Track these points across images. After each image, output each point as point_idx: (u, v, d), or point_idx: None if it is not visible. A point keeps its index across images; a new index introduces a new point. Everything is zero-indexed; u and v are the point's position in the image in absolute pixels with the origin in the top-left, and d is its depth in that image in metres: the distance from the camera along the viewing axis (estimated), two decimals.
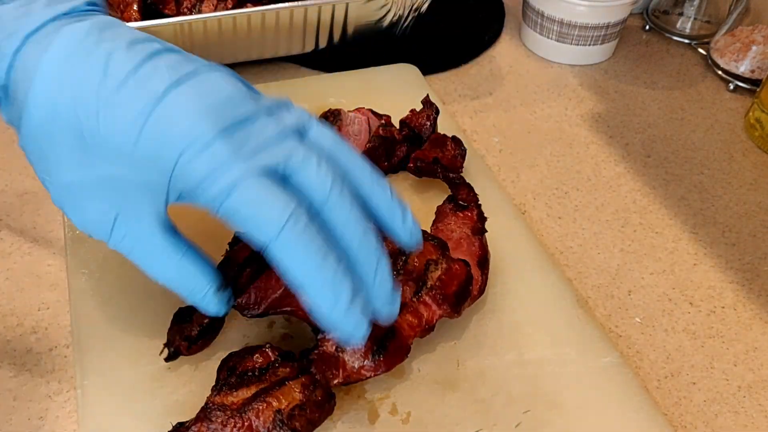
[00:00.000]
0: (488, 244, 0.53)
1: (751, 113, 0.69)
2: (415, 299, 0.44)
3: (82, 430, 0.41)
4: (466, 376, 0.45)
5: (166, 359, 0.43)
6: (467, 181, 0.56)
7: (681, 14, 0.82)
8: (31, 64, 0.36)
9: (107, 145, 0.36)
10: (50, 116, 0.36)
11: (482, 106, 0.71)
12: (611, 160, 0.65)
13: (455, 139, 0.58)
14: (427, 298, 0.44)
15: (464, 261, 0.46)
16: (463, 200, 0.55)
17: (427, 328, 0.44)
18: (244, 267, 0.44)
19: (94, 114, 0.36)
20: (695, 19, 0.81)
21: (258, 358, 0.41)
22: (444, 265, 0.45)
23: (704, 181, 0.64)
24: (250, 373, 0.40)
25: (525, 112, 0.70)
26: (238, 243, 0.46)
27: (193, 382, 0.44)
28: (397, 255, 0.45)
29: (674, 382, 0.48)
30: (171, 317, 0.44)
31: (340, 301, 0.35)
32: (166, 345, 0.43)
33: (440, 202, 0.56)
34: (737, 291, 0.54)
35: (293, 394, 0.40)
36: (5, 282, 0.51)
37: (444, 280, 0.45)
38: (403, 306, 0.44)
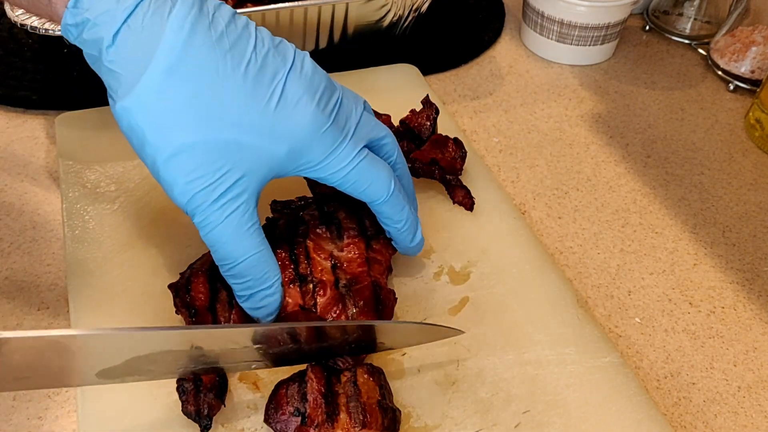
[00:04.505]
0: (488, 244, 0.53)
1: (751, 113, 0.69)
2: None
3: (82, 430, 0.41)
4: (466, 376, 0.45)
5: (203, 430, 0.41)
6: (468, 181, 0.56)
7: (681, 14, 0.82)
8: (153, 28, 0.37)
9: (240, 114, 0.39)
10: (176, 79, 0.38)
11: (482, 106, 0.71)
12: (611, 161, 0.65)
13: (457, 141, 0.57)
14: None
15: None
16: (458, 202, 0.55)
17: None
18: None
19: (227, 82, 0.39)
20: (695, 19, 0.81)
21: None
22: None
23: (704, 181, 0.64)
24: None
25: (525, 112, 0.70)
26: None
27: None
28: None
29: (674, 382, 0.48)
30: (169, 317, 0.44)
31: (418, 231, 0.48)
32: (197, 421, 0.41)
33: (439, 203, 0.56)
34: (737, 291, 0.54)
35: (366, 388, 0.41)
36: (5, 281, 0.51)
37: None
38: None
